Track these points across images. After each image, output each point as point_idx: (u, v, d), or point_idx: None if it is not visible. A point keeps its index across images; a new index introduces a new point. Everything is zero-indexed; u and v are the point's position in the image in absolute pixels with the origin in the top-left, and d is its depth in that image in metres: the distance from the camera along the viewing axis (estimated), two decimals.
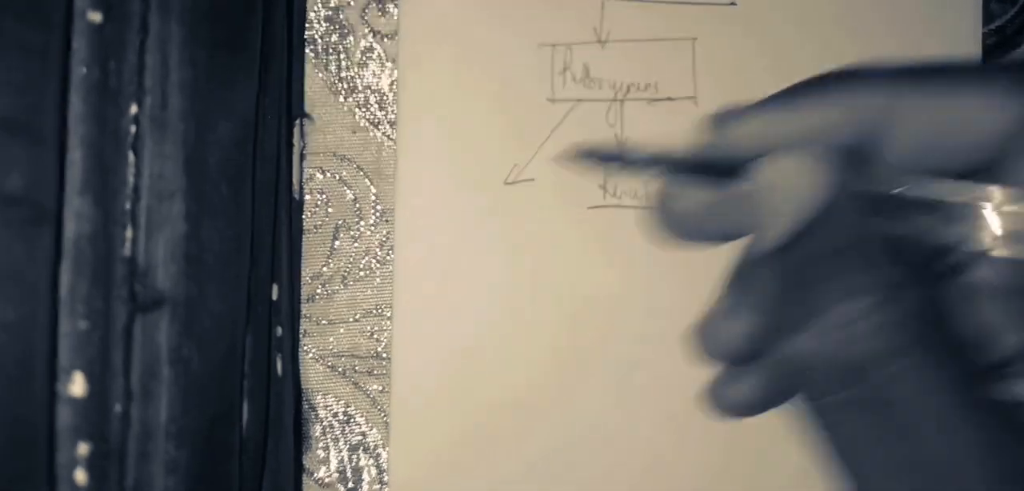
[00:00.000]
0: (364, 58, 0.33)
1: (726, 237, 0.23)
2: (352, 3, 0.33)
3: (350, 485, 0.33)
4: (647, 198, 0.27)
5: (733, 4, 0.32)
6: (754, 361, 0.23)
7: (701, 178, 0.23)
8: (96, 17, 0.27)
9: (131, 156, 0.28)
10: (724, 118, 0.23)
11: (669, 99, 0.32)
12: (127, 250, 0.28)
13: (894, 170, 0.22)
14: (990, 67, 0.22)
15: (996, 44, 0.33)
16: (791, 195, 0.21)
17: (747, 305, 0.23)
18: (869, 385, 0.19)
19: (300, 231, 0.33)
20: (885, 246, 0.20)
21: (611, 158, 0.24)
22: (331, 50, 0.33)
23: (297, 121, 0.33)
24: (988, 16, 0.33)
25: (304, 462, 0.33)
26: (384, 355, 0.33)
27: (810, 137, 0.22)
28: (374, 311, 0.33)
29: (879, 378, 0.19)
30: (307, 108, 0.33)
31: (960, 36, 0.32)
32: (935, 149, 0.21)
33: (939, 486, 0.18)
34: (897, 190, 0.21)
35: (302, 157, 0.33)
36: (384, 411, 0.33)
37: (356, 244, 0.33)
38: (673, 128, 0.26)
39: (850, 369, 0.19)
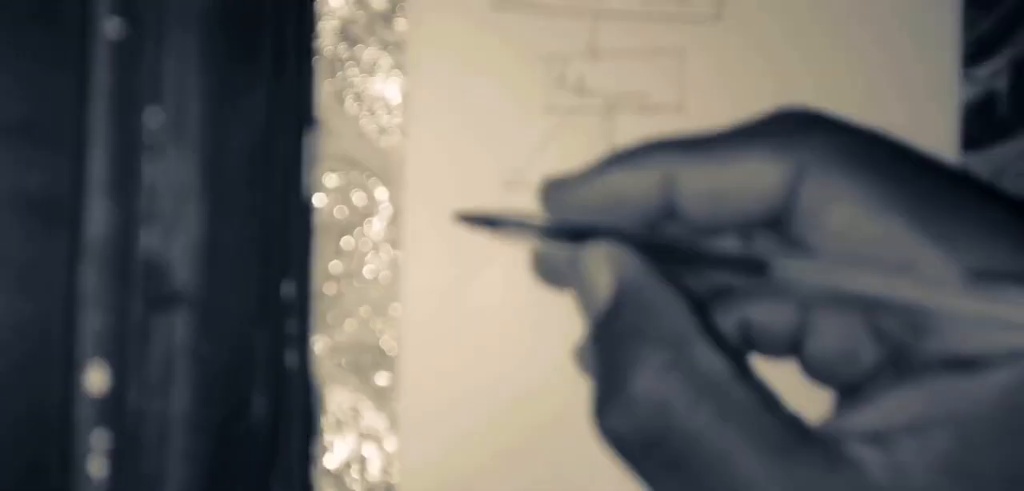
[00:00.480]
0: (372, 68, 0.34)
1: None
2: (360, 15, 0.34)
3: (357, 475, 0.33)
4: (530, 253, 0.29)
5: (719, 18, 0.33)
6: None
7: (557, 242, 0.25)
8: (115, 26, 0.28)
9: (150, 160, 0.28)
10: (553, 187, 0.26)
11: (658, 109, 0.33)
12: (145, 250, 0.28)
13: (697, 229, 0.23)
14: (762, 130, 0.23)
15: (977, 52, 0.34)
16: (597, 281, 0.23)
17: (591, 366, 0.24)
18: (667, 449, 0.20)
19: (310, 232, 0.33)
20: (677, 312, 0.22)
21: (485, 222, 0.27)
22: (340, 60, 0.34)
23: (308, 128, 0.33)
24: (969, 24, 0.33)
25: (313, 452, 0.33)
26: (391, 350, 0.33)
27: (624, 203, 0.24)
28: (382, 309, 0.33)
29: (675, 443, 0.20)
30: (317, 115, 0.33)
31: (941, 45, 0.32)
32: (722, 211, 0.22)
33: None
34: (693, 248, 0.23)
35: (313, 162, 0.33)
36: (392, 404, 0.33)
37: (364, 244, 0.34)
38: (662, 135, 0.26)
39: (648, 439, 0.20)
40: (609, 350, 0.22)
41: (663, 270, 0.23)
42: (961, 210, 0.20)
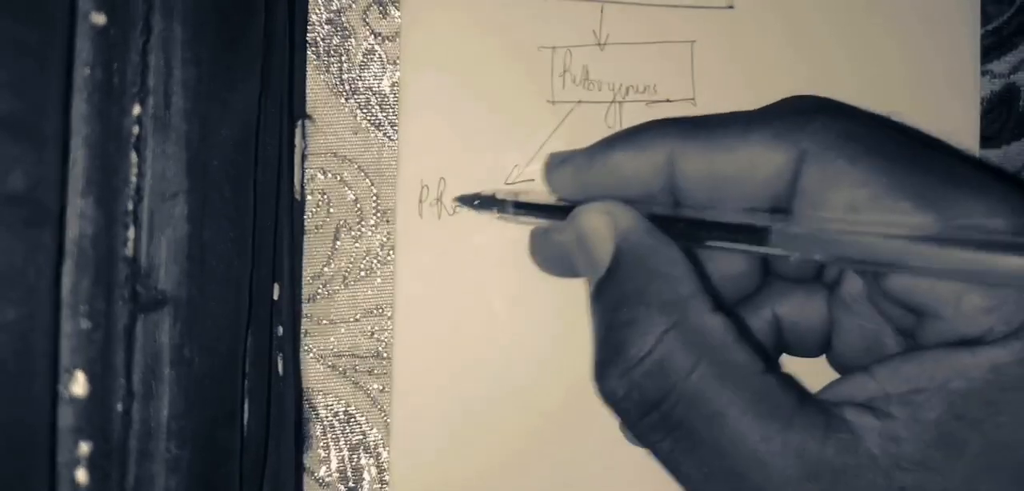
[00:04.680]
0: (365, 60, 0.33)
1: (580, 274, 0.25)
2: (353, 5, 0.33)
3: (350, 485, 0.33)
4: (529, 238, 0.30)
5: (731, 7, 0.32)
6: None
7: (556, 218, 0.26)
8: (99, 18, 0.27)
9: (134, 157, 0.28)
10: (555, 161, 0.26)
11: (668, 101, 0.32)
12: (129, 250, 0.27)
13: (702, 207, 0.24)
14: (768, 114, 0.24)
15: (993, 45, 0.33)
16: (596, 240, 0.24)
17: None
18: (665, 410, 0.21)
19: (301, 231, 0.33)
20: (678, 274, 0.22)
21: (486, 204, 0.28)
22: (332, 52, 0.33)
23: (299, 122, 0.33)
24: (985, 17, 0.33)
25: (305, 461, 0.33)
26: (385, 355, 0.33)
27: (628, 181, 0.24)
28: (375, 311, 0.33)
29: (673, 403, 0.21)
30: (308, 109, 0.33)
31: (958, 37, 0.32)
32: (723, 194, 0.23)
33: (750, 488, 0.20)
34: (697, 215, 0.24)
35: (304, 158, 0.33)
36: (385, 411, 0.33)
37: (357, 244, 0.33)
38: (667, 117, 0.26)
39: (647, 400, 0.21)
40: (609, 312, 0.23)
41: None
42: (954, 179, 0.21)
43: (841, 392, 0.21)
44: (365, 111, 0.33)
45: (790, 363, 0.27)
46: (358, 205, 0.33)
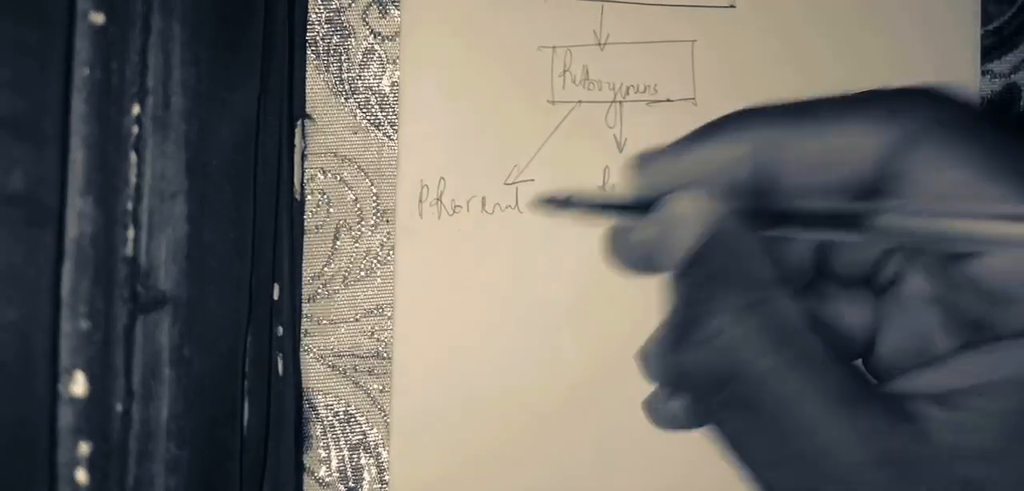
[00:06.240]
0: (365, 60, 0.33)
1: (665, 269, 0.26)
2: (353, 5, 0.33)
3: (350, 484, 0.33)
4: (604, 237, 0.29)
5: (732, 7, 0.32)
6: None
7: (637, 216, 0.26)
8: (98, 18, 0.27)
9: (133, 156, 0.28)
10: (645, 159, 0.26)
11: (668, 100, 0.32)
12: (129, 250, 0.28)
13: (791, 195, 0.24)
14: (863, 98, 0.24)
15: (994, 45, 0.33)
16: (684, 226, 0.24)
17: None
18: (736, 388, 0.21)
19: (301, 231, 0.33)
20: (760, 262, 0.23)
21: (564, 204, 0.28)
22: (332, 52, 0.33)
23: (298, 122, 0.33)
24: (986, 17, 0.33)
25: (305, 461, 0.33)
26: (385, 354, 0.33)
27: (716, 173, 0.24)
28: (375, 311, 0.33)
29: (745, 382, 0.21)
30: (308, 109, 0.33)
31: (959, 37, 0.32)
32: (823, 175, 0.23)
33: (817, 474, 0.21)
34: (792, 206, 0.23)
35: (303, 158, 0.33)
36: (385, 410, 0.33)
37: (357, 244, 0.33)
38: (672, 129, 0.26)
39: (719, 376, 0.22)
40: (691, 289, 0.23)
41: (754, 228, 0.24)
42: None
43: (910, 384, 0.21)
44: (365, 111, 0.33)
45: None
46: (358, 205, 0.33)
